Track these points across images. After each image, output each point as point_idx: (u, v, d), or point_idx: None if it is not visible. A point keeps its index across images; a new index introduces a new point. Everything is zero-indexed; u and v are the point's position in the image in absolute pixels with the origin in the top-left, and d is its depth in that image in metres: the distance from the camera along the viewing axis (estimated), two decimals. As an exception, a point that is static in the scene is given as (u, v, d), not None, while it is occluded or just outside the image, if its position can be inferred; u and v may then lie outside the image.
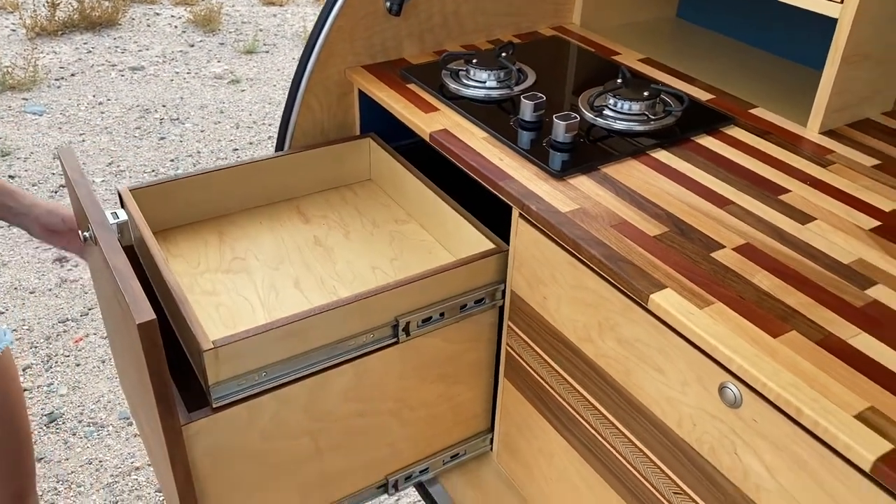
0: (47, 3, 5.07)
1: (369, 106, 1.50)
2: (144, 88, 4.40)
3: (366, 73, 1.47)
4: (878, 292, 0.94)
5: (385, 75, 1.46)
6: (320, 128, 1.50)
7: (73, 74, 4.54)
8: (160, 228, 1.38)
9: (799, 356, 0.84)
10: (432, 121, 1.31)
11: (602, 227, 1.05)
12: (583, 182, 1.15)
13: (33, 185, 3.51)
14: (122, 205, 1.29)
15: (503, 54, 1.42)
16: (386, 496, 1.43)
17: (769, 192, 1.13)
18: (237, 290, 1.26)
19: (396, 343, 1.17)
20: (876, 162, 1.22)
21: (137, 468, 2.33)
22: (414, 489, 1.42)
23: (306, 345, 1.08)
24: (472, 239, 1.26)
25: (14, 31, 5.05)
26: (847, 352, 0.85)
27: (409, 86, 1.43)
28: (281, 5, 5.71)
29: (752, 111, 1.37)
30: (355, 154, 1.50)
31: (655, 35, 1.69)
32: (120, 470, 2.32)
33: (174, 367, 1.22)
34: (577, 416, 1.15)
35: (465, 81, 1.39)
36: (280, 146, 1.48)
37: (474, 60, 1.40)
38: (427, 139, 1.28)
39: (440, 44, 1.55)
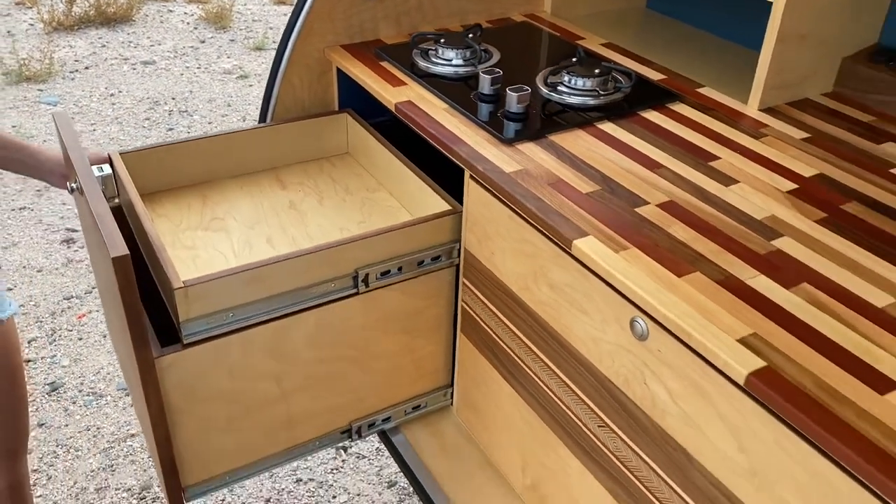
0: (65, -1, 5.25)
1: (347, 84, 1.62)
2: (155, 82, 4.55)
3: (343, 51, 1.58)
4: (783, 243, 1.04)
5: (361, 54, 1.58)
6: (301, 103, 1.62)
7: (86, 67, 4.70)
8: (148, 192, 1.50)
9: (698, 292, 0.94)
10: (399, 93, 1.42)
11: (540, 185, 1.15)
12: (530, 148, 1.26)
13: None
14: (112, 167, 1.41)
15: (470, 35, 1.53)
16: (350, 442, 1.53)
17: (701, 158, 1.24)
18: (214, 246, 1.37)
19: (357, 294, 1.28)
20: (806, 135, 1.31)
21: (133, 435, 2.44)
22: (377, 438, 1.52)
23: (270, 290, 1.19)
24: (433, 203, 1.37)
25: (32, 25, 5.23)
26: (742, 290, 0.95)
27: (382, 63, 1.54)
28: (291, 5, 5.85)
29: (700, 90, 1.47)
30: (333, 128, 1.62)
31: (622, 23, 1.79)
32: (116, 437, 2.44)
33: (157, 324, 1.33)
34: (520, 363, 1.26)
35: (434, 59, 1.50)
36: (263, 119, 1.60)
37: (442, 40, 1.51)
38: (393, 109, 1.40)
39: (415, 27, 1.66)
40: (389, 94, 1.41)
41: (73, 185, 1.21)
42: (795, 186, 1.17)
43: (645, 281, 0.96)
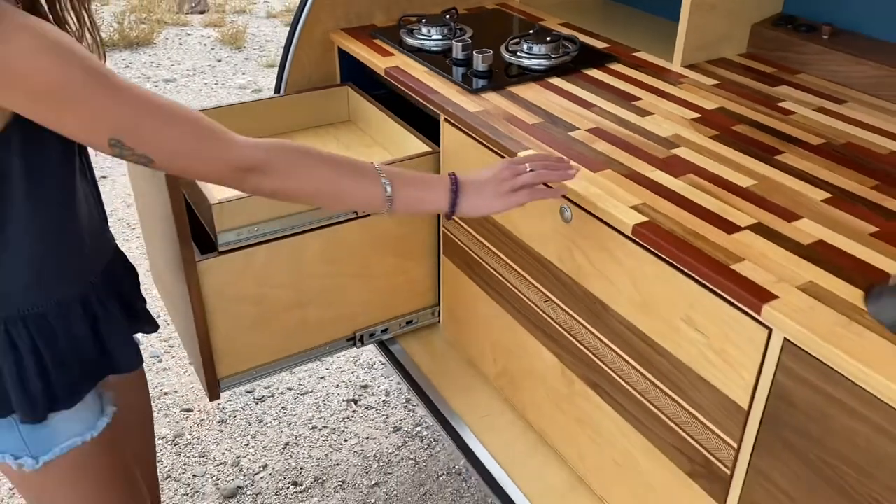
0: (91, 25, 5.68)
1: (348, 62, 1.96)
2: (176, 97, 4.95)
3: (343, 34, 1.94)
4: (679, 151, 1.36)
5: (358, 35, 1.93)
6: (308, 78, 1.97)
7: (113, 86, 5.11)
8: (185, 150, 1.84)
9: (607, 181, 1.26)
10: (388, 61, 1.77)
11: (496, 120, 1.48)
12: (492, 96, 1.59)
13: (78, 176, 4.03)
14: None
15: (447, 16, 1.88)
16: (354, 349, 1.84)
17: (626, 100, 1.56)
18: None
19: (355, 218, 1.61)
20: (716, 82, 1.64)
21: (166, 393, 2.76)
22: (377, 347, 1.84)
23: (289, 209, 1.52)
24: (418, 148, 1.70)
25: (61, 49, 5.66)
26: (641, 179, 1.27)
27: (375, 41, 1.89)
28: (302, 25, 6.26)
29: (635, 54, 1.80)
30: (336, 99, 1.96)
31: (581, 9, 2.13)
32: (151, 395, 2.76)
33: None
34: (489, 268, 1.58)
35: (417, 36, 1.84)
36: (277, 91, 1.95)
37: (424, 20, 1.85)
38: (383, 74, 1.74)
39: (404, 12, 2.01)
40: (380, 62, 1.76)
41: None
42: (698, 115, 1.49)
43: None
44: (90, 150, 1.11)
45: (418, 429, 2.49)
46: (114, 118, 0.94)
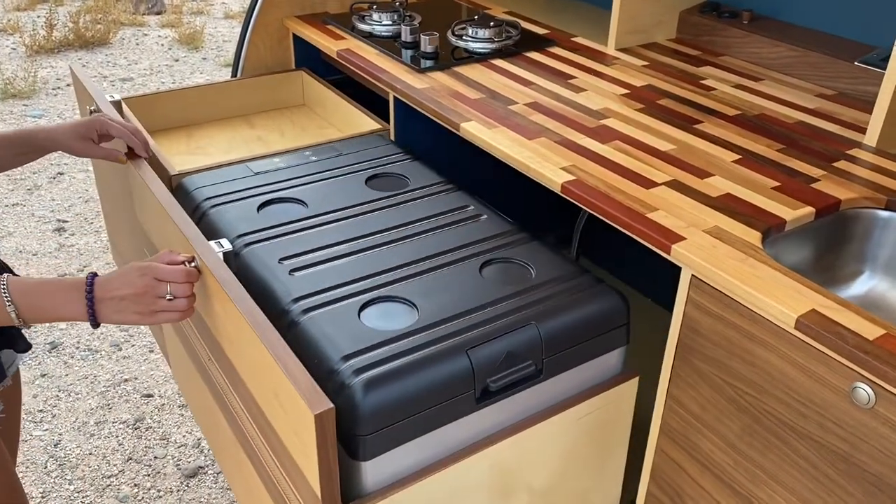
0: (45, 24, 5.67)
1: (303, 48, 2.06)
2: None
3: (297, 20, 2.03)
4: (608, 122, 1.48)
5: (311, 21, 2.03)
6: (264, 63, 2.06)
7: (68, 85, 5.12)
8: (147, 131, 1.92)
9: (540, 147, 1.38)
10: (339, 44, 1.87)
11: (441, 95, 1.60)
12: (438, 75, 1.70)
13: (34, 173, 4.05)
14: (121, 110, 1.83)
15: (397, 3, 1.99)
16: None
17: (563, 78, 1.69)
18: (197, 164, 1.79)
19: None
20: (646, 63, 1.78)
21: (126, 380, 2.81)
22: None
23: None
24: (370, 125, 1.81)
25: (14, 49, 5.65)
26: (571, 145, 1.39)
27: (328, 26, 1.99)
28: (260, 27, 6.32)
29: (573, 39, 1.93)
30: (290, 83, 2.06)
31: (527, 1, 2.26)
32: (111, 382, 2.81)
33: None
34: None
35: (368, 22, 1.95)
36: (234, 75, 2.04)
37: (375, 7, 1.96)
38: (335, 56, 1.84)
39: (356, 0, 2.12)
40: (333, 45, 1.86)
41: (91, 108, 1.63)
42: (627, 92, 1.62)
43: (506, 143, 1.40)
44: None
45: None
46: None
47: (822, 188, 1.25)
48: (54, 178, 4.02)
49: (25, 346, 1.32)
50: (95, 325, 1.07)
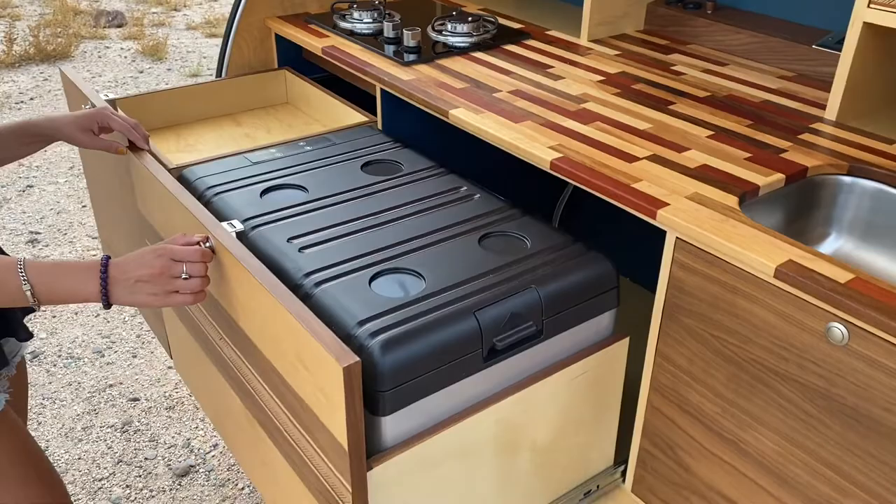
0: (4, 39, 5.63)
1: (285, 48, 2.13)
2: (99, 106, 4.97)
3: (279, 21, 2.10)
4: (587, 105, 1.58)
5: (293, 21, 2.10)
6: (248, 63, 2.12)
7: (31, 98, 5.10)
8: (133, 131, 1.97)
9: (527, 129, 1.47)
10: (324, 42, 1.94)
11: (427, 86, 1.68)
12: (422, 67, 1.78)
13: (2, 187, 4.03)
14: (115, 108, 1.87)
15: (377, 2, 2.07)
16: None
17: (541, 68, 1.78)
18: (186, 159, 1.85)
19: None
20: (618, 52, 1.88)
21: (111, 385, 2.83)
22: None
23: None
24: (357, 120, 1.88)
25: (-27, 64, 5.60)
26: (556, 126, 1.48)
27: (311, 26, 2.07)
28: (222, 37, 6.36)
29: (547, 32, 2.03)
30: (274, 82, 2.12)
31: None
32: (96, 388, 2.83)
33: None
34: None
35: (349, 20, 2.03)
36: (219, 75, 2.10)
37: (355, 6, 2.04)
38: (320, 53, 1.91)
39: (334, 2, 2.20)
40: (317, 43, 1.93)
41: (85, 106, 1.68)
42: (603, 78, 1.72)
43: (494, 126, 1.48)
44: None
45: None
46: None
47: (789, 157, 1.36)
48: (23, 192, 4.02)
49: (27, 335, 1.36)
50: (107, 305, 1.10)
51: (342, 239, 1.30)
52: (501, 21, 2.10)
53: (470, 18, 1.94)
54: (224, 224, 1.23)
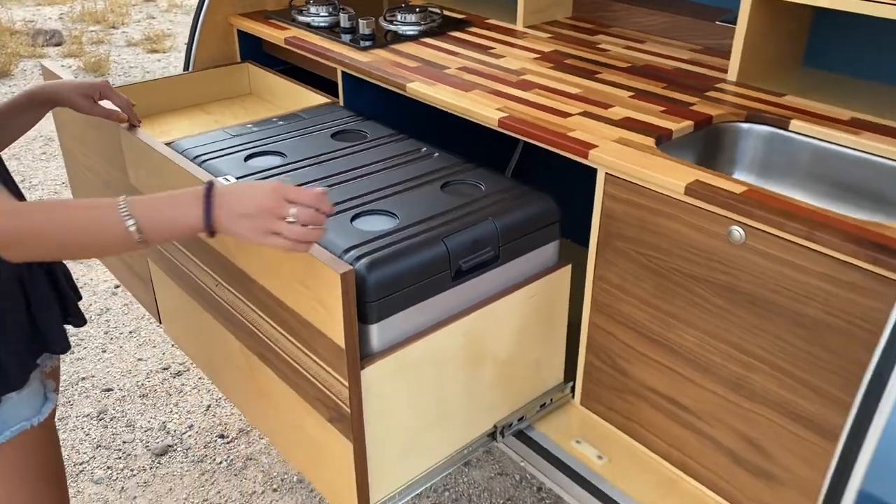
0: (-59, 58, 5.65)
1: (247, 43, 2.33)
2: (46, 122, 5.05)
3: (241, 17, 2.30)
4: (526, 77, 1.83)
5: (254, 18, 2.30)
6: (212, 58, 2.31)
7: (-26, 116, 5.14)
8: (110, 121, 2.14)
9: (476, 96, 1.71)
10: (285, 34, 2.15)
11: (384, 66, 1.90)
12: (378, 52, 2.01)
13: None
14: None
15: (330, -3, 2.30)
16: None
17: (483, 49, 2.03)
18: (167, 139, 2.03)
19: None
20: (550, 35, 2.14)
21: (84, 378, 2.96)
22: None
23: (217, 150, 1.86)
24: (319, 101, 2.09)
25: None
26: (501, 93, 1.72)
27: (270, 21, 2.27)
28: (164, 52, 6.47)
29: (487, 20, 2.28)
30: (238, 75, 2.32)
31: (439, -6, 2.61)
32: (68, 381, 2.95)
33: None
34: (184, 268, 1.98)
35: (307, 14, 2.24)
36: (186, 69, 2.28)
37: (311, 1, 2.25)
38: (283, 43, 2.12)
39: None
40: (279, 35, 2.14)
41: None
42: (539, 55, 1.98)
43: (447, 95, 1.72)
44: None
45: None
46: None
47: (698, 109, 1.62)
48: None
49: (81, 321, 1.35)
50: (211, 233, 1.06)
51: (322, 191, 1.51)
52: (445, 12, 2.34)
53: (418, 9, 2.18)
54: (220, 179, 1.43)
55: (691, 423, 1.45)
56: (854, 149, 1.48)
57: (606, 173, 1.44)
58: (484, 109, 1.63)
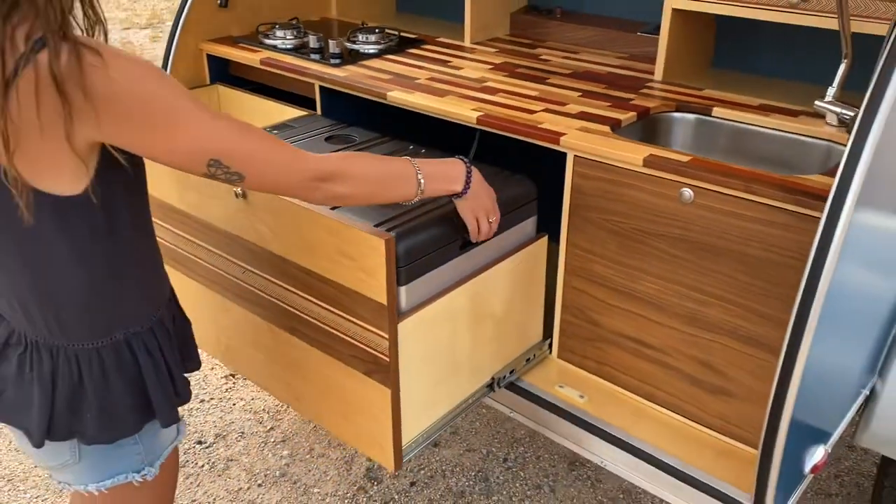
0: None
1: (216, 67, 2.55)
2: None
3: (211, 43, 2.53)
4: (488, 83, 2.15)
5: (224, 43, 2.53)
6: (184, 81, 2.52)
7: None
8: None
9: (451, 100, 2.01)
10: (259, 55, 2.40)
11: (360, 79, 2.18)
12: (350, 67, 2.29)
13: None
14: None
15: (294, 21, 2.55)
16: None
17: (442, 63, 2.34)
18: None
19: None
20: (497, 50, 2.48)
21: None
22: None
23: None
24: (296, 115, 2.33)
25: None
26: (471, 97, 2.03)
27: (240, 44, 2.51)
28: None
29: (437, 38, 2.60)
30: (208, 97, 2.53)
31: (385, 18, 2.90)
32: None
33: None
34: (192, 256, 2.25)
35: (273, 38, 2.49)
36: (163, 91, 2.48)
37: (277, 26, 2.50)
38: (258, 64, 2.36)
39: (253, 25, 2.64)
40: (253, 57, 2.38)
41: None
42: (493, 66, 2.31)
43: (426, 100, 2.01)
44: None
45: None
46: (217, 140, 1.05)
47: (637, 103, 1.98)
48: None
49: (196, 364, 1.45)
50: (462, 193, 1.49)
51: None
52: (400, 33, 2.65)
53: (377, 30, 2.47)
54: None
55: (656, 357, 1.78)
56: (766, 127, 1.87)
57: (575, 155, 1.76)
58: (462, 110, 1.94)
